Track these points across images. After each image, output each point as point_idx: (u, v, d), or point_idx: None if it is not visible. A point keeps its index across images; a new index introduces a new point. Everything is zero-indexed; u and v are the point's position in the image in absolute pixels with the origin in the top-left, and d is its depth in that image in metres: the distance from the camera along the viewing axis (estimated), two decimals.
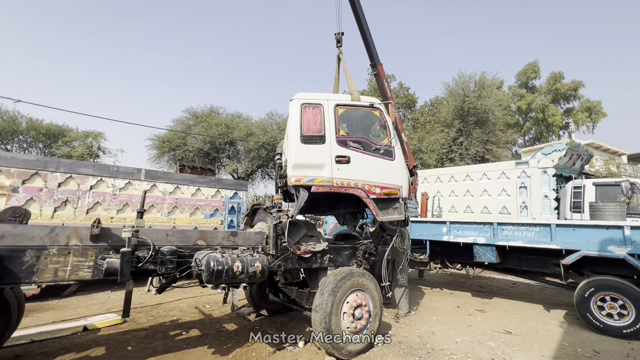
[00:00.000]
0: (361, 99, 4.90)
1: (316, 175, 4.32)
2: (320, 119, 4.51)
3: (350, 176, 4.46)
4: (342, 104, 4.72)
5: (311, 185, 4.29)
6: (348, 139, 4.57)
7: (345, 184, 4.42)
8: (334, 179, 4.36)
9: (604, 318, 4.80)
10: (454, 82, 20.45)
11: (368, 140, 4.71)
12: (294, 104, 4.56)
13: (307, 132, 4.43)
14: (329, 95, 4.78)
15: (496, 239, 5.94)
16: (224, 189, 9.62)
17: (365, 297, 4.19)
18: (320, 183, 4.31)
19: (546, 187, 8.43)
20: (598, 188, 7.67)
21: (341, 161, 4.43)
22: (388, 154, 4.80)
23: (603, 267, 5.13)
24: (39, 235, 2.93)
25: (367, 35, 7.42)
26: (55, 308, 6.18)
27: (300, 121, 4.46)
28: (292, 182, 4.28)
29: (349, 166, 4.47)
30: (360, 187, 4.49)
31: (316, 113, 4.52)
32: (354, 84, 5.22)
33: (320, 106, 4.58)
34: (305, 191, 4.27)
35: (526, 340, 4.58)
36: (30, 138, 18.82)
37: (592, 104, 29.83)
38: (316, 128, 4.47)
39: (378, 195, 4.60)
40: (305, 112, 4.50)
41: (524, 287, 8.46)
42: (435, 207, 10.57)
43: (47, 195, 7.00)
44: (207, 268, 3.22)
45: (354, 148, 4.57)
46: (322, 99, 4.65)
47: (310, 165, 4.36)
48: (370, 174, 4.61)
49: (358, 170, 4.52)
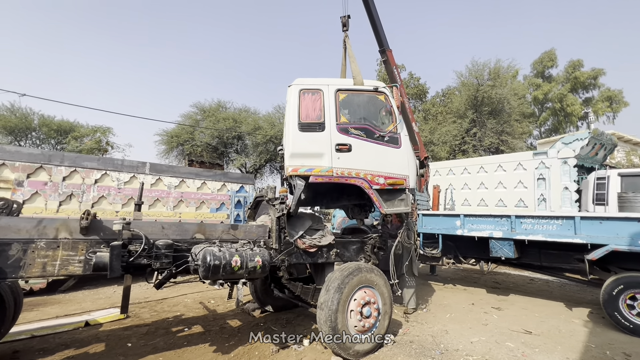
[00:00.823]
0: (365, 83, 4.57)
1: (315, 165, 4.06)
2: (320, 105, 4.23)
3: (351, 165, 4.15)
4: (343, 89, 4.40)
5: (309, 175, 4.03)
6: (350, 126, 4.25)
7: (346, 174, 4.12)
8: (333, 169, 4.08)
9: (635, 318, 4.43)
10: (467, 70, 19.76)
11: (371, 127, 4.36)
12: (292, 89, 4.30)
13: (305, 120, 4.16)
14: (330, 79, 4.47)
15: (514, 233, 5.58)
16: (230, 182, 9.47)
17: (374, 294, 3.93)
18: (319, 173, 4.04)
19: (567, 178, 7.96)
20: (624, 179, 7.16)
21: (342, 149, 4.14)
22: (393, 142, 4.44)
23: (633, 262, 4.73)
24: (25, 227, 2.77)
25: (375, 19, 7.08)
26: (61, 302, 6.15)
27: (298, 108, 4.20)
28: (289, 172, 4.04)
29: (350, 155, 4.16)
30: (362, 177, 4.18)
31: (315, 99, 4.24)
32: (357, 67, 4.90)
33: (320, 92, 4.30)
34: (302, 181, 4.03)
35: (548, 341, 4.26)
36: (43, 134, 19.08)
37: (613, 92, 28.50)
38: (315, 115, 4.19)
39: (382, 185, 4.28)
40: (304, 99, 4.24)
41: (542, 283, 8.06)
42: (448, 200, 10.18)
43: (52, 189, 6.95)
44: (203, 263, 3.02)
45: (356, 135, 4.25)
46: (322, 84, 4.36)
47: (309, 154, 4.11)
48: (374, 163, 4.28)
49: (360, 159, 4.21)
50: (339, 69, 5.86)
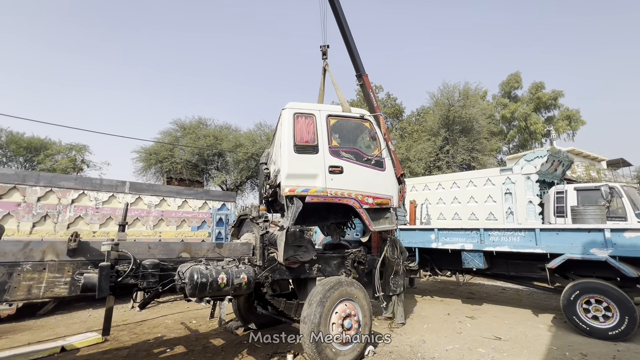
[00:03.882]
0: (352, 110, 4.95)
1: (310, 185, 4.26)
2: (313, 129, 4.50)
3: (343, 186, 4.46)
4: (334, 115, 4.75)
5: (305, 195, 4.22)
6: (341, 149, 4.59)
7: (339, 194, 4.41)
8: (328, 189, 4.33)
9: (590, 320, 4.85)
10: (439, 91, 20.97)
11: (359, 151, 4.75)
12: (287, 112, 4.50)
13: (300, 142, 4.37)
14: (321, 105, 4.82)
15: (483, 245, 5.99)
16: (212, 200, 9.49)
17: (354, 306, 4.14)
18: (315, 193, 4.26)
19: (530, 192, 8.61)
20: (579, 193, 7.86)
21: (334, 171, 4.42)
22: (379, 165, 4.86)
23: (587, 270, 5.22)
24: (11, 251, 2.80)
25: (352, 47, 7.56)
26: (31, 328, 5.88)
27: (293, 130, 4.39)
28: (286, 193, 4.17)
29: (342, 176, 4.46)
30: (354, 197, 4.50)
31: (309, 123, 4.51)
32: (343, 96, 5.29)
33: (312, 116, 4.57)
34: (299, 201, 4.17)
35: (516, 345, 4.58)
36: (10, 152, 18.25)
37: (572, 112, 30.99)
38: (309, 137, 4.44)
39: (370, 205, 4.63)
40: (298, 122, 4.46)
41: (513, 292, 8.52)
42: (424, 214, 10.64)
43: (26, 210, 6.76)
44: (190, 281, 3.13)
45: (347, 158, 4.60)
46: (314, 109, 4.66)
47: (304, 175, 4.29)
48: (363, 184, 4.63)
49: (351, 181, 4.54)
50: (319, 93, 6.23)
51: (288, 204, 4.24)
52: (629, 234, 4.61)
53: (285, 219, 4.24)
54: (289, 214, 4.17)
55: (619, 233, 4.67)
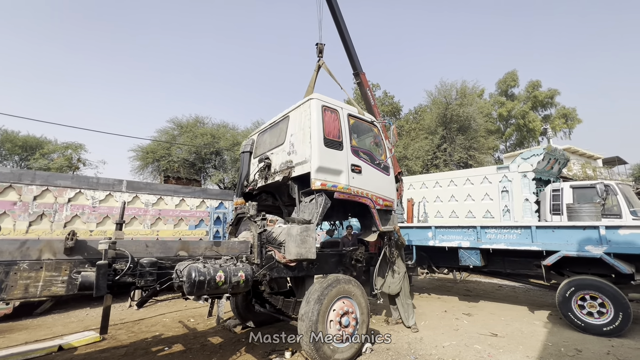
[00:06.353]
0: (364, 114, 5.15)
1: (336, 182, 4.27)
2: (338, 125, 4.51)
3: (362, 185, 4.53)
4: (353, 115, 4.84)
5: (334, 191, 4.20)
6: (359, 150, 4.68)
7: (360, 193, 4.47)
8: (351, 187, 4.37)
9: (585, 317, 4.91)
10: (437, 90, 21.00)
11: (372, 154, 4.89)
12: (314, 104, 4.36)
13: (328, 136, 4.32)
14: (341, 103, 4.83)
15: (480, 242, 6.03)
16: (209, 199, 9.48)
17: (352, 304, 4.16)
18: (342, 190, 4.28)
19: (527, 190, 8.67)
20: (575, 190, 7.92)
21: (355, 170, 4.48)
22: (386, 170, 5.06)
23: (582, 267, 5.27)
24: (8, 249, 2.79)
25: (349, 46, 7.57)
26: (28, 328, 5.86)
27: (322, 123, 4.29)
28: (316, 186, 4.09)
29: (361, 176, 4.53)
30: (370, 197, 4.61)
31: (335, 118, 4.51)
32: (351, 99, 5.43)
33: (337, 112, 4.58)
34: (326, 196, 4.11)
35: (512, 342, 4.63)
36: (5, 151, 18.09)
37: (568, 110, 31.11)
38: (335, 133, 4.44)
39: (381, 206, 4.79)
40: (325, 115, 4.40)
41: (510, 289, 8.59)
42: (421, 212, 10.69)
43: (22, 209, 6.72)
44: (188, 279, 3.13)
45: (364, 159, 4.70)
46: (337, 105, 4.67)
47: (331, 170, 4.27)
48: (375, 186, 4.76)
49: (368, 181, 4.63)
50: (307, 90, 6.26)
51: (301, 197, 4.21)
52: (623, 231, 4.66)
53: (303, 212, 4.14)
54: (311, 208, 4.07)
55: (614, 230, 4.72)
